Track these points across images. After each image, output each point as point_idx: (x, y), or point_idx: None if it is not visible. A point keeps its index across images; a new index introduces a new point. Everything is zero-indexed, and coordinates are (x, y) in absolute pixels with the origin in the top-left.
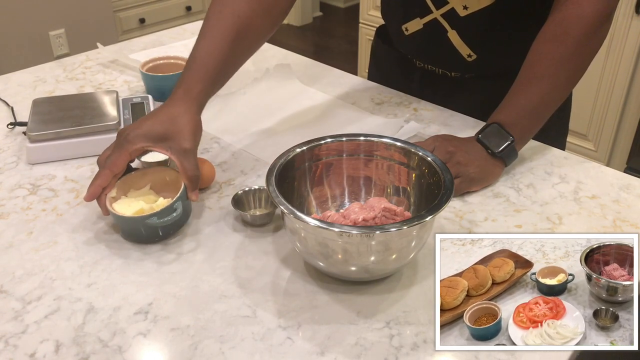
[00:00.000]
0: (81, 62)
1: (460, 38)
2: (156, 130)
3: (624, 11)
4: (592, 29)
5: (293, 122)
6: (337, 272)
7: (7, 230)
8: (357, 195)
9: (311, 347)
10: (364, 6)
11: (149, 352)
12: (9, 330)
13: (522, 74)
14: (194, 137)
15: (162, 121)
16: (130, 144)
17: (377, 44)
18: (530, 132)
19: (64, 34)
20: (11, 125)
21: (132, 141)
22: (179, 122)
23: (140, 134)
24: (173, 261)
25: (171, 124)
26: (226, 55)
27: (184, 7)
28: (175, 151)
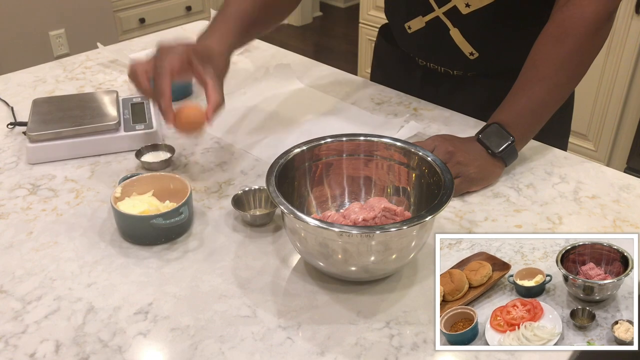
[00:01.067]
0: (81, 62)
1: (462, 36)
2: (200, 50)
3: (624, 11)
4: (593, 30)
5: (293, 122)
6: (337, 272)
7: (7, 230)
8: (357, 195)
9: (311, 347)
10: (364, 6)
11: (149, 352)
12: (9, 330)
13: (523, 74)
14: (225, 73)
15: (204, 46)
16: (182, 53)
17: (379, 43)
18: (530, 133)
19: (64, 34)
20: (11, 125)
21: (184, 51)
22: (217, 55)
23: (190, 47)
24: (173, 261)
25: (211, 51)
26: (255, 20)
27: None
28: (210, 73)
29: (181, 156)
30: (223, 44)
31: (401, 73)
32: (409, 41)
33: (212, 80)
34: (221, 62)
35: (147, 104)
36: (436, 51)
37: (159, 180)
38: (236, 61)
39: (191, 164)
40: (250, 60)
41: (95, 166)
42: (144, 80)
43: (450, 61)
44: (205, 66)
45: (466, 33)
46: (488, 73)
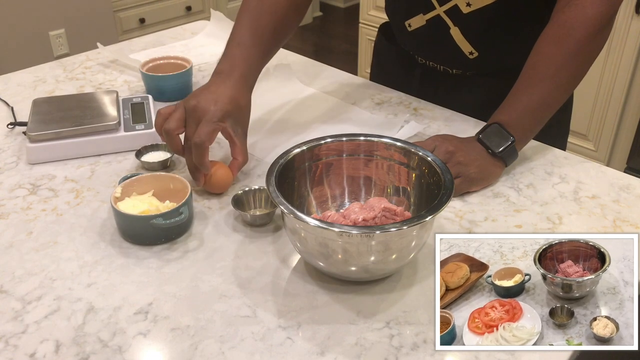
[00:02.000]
0: (81, 62)
1: (462, 35)
2: (235, 112)
3: (624, 11)
4: (594, 31)
5: (293, 122)
6: (337, 272)
7: (7, 230)
8: (357, 195)
9: (311, 347)
10: (364, 6)
11: (149, 352)
12: (9, 330)
13: (523, 75)
14: (248, 120)
15: (236, 105)
16: (220, 121)
17: (379, 41)
18: (530, 133)
19: (64, 34)
20: (11, 125)
21: (222, 119)
22: (245, 108)
23: (226, 113)
24: (173, 261)
25: (241, 108)
26: (267, 49)
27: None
28: (240, 135)
29: None
30: (246, 90)
31: (400, 71)
32: (408, 39)
33: (240, 142)
34: (247, 115)
35: (147, 104)
36: (436, 50)
37: (159, 180)
38: None
39: None
40: None
41: (95, 166)
42: (178, 143)
43: (449, 60)
44: (236, 129)
45: (466, 32)
46: (487, 72)
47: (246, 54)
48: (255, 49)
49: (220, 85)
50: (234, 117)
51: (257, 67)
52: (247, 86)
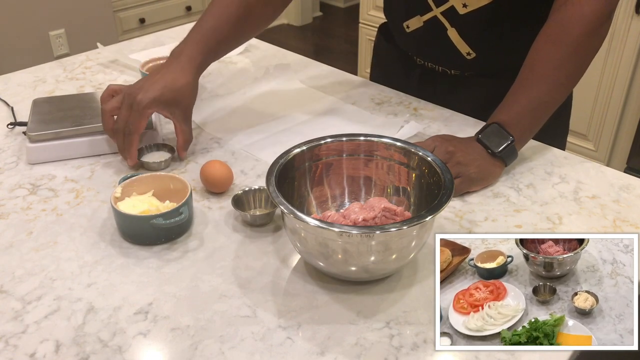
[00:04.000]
0: (81, 62)
1: (459, 36)
2: (166, 96)
3: (624, 11)
4: (592, 29)
5: (293, 122)
6: (337, 272)
7: (7, 230)
8: (357, 195)
9: (311, 347)
10: (364, 6)
11: (149, 352)
12: (9, 330)
13: (522, 74)
14: (193, 103)
15: (170, 88)
16: (146, 108)
17: (379, 41)
18: (530, 132)
19: (64, 34)
20: (11, 125)
21: (148, 106)
22: (184, 89)
23: (154, 100)
24: (173, 261)
25: (177, 91)
26: (226, 36)
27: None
28: (178, 116)
29: None
30: (189, 71)
31: (399, 71)
32: (407, 40)
33: (178, 122)
34: (187, 96)
35: None
36: (434, 50)
37: (159, 180)
38: (236, 61)
39: (191, 164)
40: (250, 60)
41: (95, 166)
42: (109, 123)
43: (447, 61)
44: (173, 111)
45: (463, 33)
46: (485, 73)
47: (200, 37)
48: (215, 33)
49: (163, 69)
50: (168, 101)
51: (210, 51)
52: (193, 68)
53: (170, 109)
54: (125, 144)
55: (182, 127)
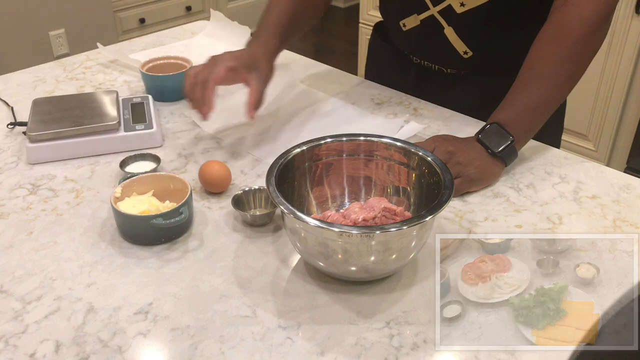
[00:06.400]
0: (81, 62)
1: (456, 35)
2: (245, 58)
3: (624, 11)
4: (591, 29)
5: (293, 122)
6: (337, 272)
7: (7, 230)
8: (357, 195)
9: (311, 347)
10: (364, 6)
11: (149, 352)
12: (9, 330)
13: (522, 74)
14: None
15: (250, 55)
16: (226, 61)
17: (374, 40)
18: (530, 132)
19: (64, 34)
20: (11, 125)
21: (228, 59)
22: (262, 60)
23: (235, 57)
24: (173, 261)
25: (257, 59)
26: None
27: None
28: (255, 77)
29: (181, 156)
30: (267, 51)
31: (395, 70)
32: (403, 39)
33: (255, 84)
34: (265, 67)
35: (147, 104)
36: (430, 49)
37: (159, 180)
38: None
39: (191, 163)
40: None
41: (95, 166)
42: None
43: (443, 59)
44: (250, 72)
45: (460, 32)
46: (481, 72)
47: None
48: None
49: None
50: (248, 64)
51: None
52: (269, 49)
53: (248, 69)
54: (200, 91)
55: (257, 85)
